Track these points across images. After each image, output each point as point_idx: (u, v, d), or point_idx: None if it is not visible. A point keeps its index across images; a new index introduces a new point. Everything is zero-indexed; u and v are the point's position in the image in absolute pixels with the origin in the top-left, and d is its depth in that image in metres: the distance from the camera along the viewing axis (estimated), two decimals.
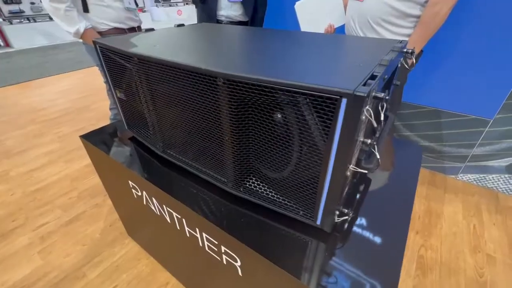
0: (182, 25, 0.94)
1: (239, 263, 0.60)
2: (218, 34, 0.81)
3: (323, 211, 0.51)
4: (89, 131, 0.95)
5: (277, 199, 0.58)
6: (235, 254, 0.59)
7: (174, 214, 0.71)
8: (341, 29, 1.36)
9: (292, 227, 0.57)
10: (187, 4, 10.19)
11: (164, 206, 0.73)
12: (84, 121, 2.44)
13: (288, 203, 0.57)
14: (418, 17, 1.05)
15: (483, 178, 1.60)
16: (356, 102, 0.36)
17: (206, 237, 0.65)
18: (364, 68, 0.45)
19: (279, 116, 0.47)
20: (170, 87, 0.60)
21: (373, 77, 0.41)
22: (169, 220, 0.76)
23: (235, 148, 0.55)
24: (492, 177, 1.57)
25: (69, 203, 1.49)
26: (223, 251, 0.62)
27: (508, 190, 1.55)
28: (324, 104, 0.39)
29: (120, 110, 0.85)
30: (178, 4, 10.00)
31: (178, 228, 0.74)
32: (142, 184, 0.76)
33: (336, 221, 0.52)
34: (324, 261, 0.50)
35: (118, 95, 0.81)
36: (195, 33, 0.83)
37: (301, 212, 0.55)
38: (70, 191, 1.58)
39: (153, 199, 0.75)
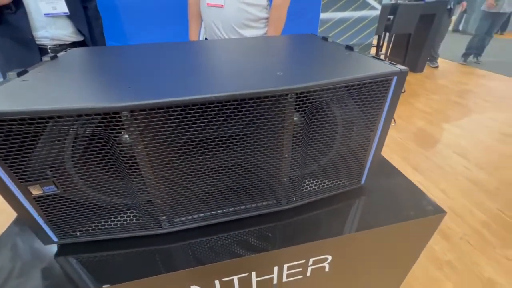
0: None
1: (329, 260, 0.62)
2: (167, 55, 0.64)
3: (368, 170, 0.64)
4: None
5: (327, 185, 0.64)
6: (326, 255, 0.60)
7: (236, 278, 0.57)
8: None
9: (338, 201, 0.66)
10: None
11: (218, 282, 0.56)
12: None
13: (335, 182, 0.65)
14: (266, 18, 1.32)
15: None
16: (402, 77, 0.50)
17: (288, 266, 0.59)
18: (355, 54, 0.60)
19: (328, 110, 0.53)
20: (192, 132, 0.45)
21: (378, 58, 0.56)
22: None
23: (295, 160, 0.54)
24: None
25: None
26: (310, 263, 0.61)
27: None
28: (377, 86, 0.50)
29: (43, 216, 0.48)
30: None
31: None
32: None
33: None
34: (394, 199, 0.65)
35: (36, 193, 0.45)
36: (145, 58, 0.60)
37: (348, 183, 0.66)
38: None
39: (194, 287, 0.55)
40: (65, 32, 1.10)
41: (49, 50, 1.09)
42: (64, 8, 1.05)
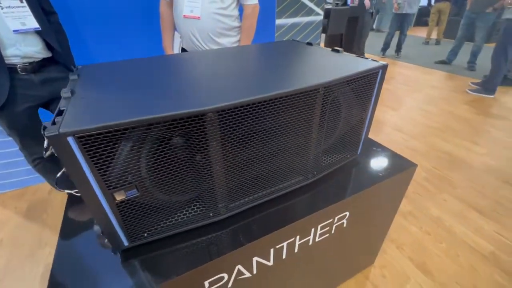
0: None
1: (347, 216, 0.78)
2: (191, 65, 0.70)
3: (363, 142, 0.83)
4: None
5: (336, 158, 0.80)
6: (346, 212, 0.77)
7: (285, 244, 0.68)
8: None
9: (344, 169, 0.84)
10: None
11: (272, 250, 0.67)
12: None
13: (341, 155, 0.82)
14: (238, 27, 1.44)
15: None
16: (384, 70, 0.70)
17: (320, 226, 0.74)
18: (343, 55, 0.78)
19: (337, 98, 0.69)
20: (255, 125, 0.55)
21: (362, 56, 0.75)
22: (271, 262, 0.70)
23: (318, 140, 0.68)
24: None
25: None
26: (335, 221, 0.76)
27: None
28: (369, 78, 0.69)
29: (120, 222, 0.52)
30: None
31: (284, 256, 0.72)
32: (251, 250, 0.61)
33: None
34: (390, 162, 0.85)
35: (119, 199, 0.49)
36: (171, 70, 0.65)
37: (349, 155, 0.84)
38: None
39: (256, 259, 0.64)
40: (35, 48, 1.02)
41: (19, 69, 0.99)
42: (34, 23, 0.97)
